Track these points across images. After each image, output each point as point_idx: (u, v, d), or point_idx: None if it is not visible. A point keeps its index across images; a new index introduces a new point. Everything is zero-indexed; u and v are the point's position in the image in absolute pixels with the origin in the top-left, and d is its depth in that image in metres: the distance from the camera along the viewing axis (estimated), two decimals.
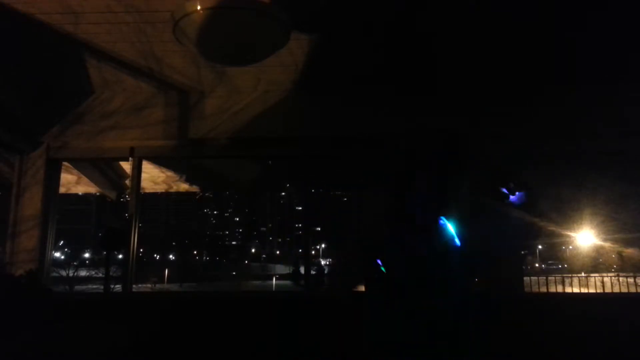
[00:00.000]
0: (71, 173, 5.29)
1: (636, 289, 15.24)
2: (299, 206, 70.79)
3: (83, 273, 25.52)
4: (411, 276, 1.90)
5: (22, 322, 3.09)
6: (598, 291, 15.50)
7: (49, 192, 4.13)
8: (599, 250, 30.74)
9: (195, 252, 62.02)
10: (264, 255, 70.01)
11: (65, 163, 4.55)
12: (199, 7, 2.72)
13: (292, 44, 3.27)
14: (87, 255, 50.72)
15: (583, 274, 24.25)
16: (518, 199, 1.95)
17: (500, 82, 3.96)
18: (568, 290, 16.62)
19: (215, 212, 77.06)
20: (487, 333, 2.51)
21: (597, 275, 20.67)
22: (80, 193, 7.08)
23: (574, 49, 3.57)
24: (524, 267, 5.30)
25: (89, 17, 3.22)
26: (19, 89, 4.08)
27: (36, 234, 3.99)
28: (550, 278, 16.85)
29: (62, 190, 5.14)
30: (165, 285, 34.44)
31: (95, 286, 16.63)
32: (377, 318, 1.93)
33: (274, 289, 29.26)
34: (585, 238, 26.57)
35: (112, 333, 3.36)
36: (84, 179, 5.59)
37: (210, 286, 33.76)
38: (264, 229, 77.02)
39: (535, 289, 13.46)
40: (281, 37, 3.06)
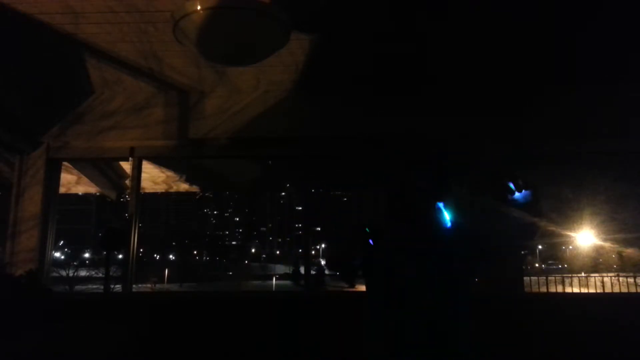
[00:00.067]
0: (71, 173, 5.29)
1: (636, 289, 15.24)
2: (299, 206, 70.82)
3: (83, 273, 25.54)
4: (409, 262, 1.91)
5: (22, 322, 3.09)
6: (598, 291, 15.51)
7: (49, 192, 4.13)
8: (599, 250, 30.75)
9: (195, 252, 62.05)
10: (264, 255, 70.04)
11: (65, 163, 4.55)
12: (199, 7, 2.72)
13: (292, 44, 3.27)
14: (87, 255, 50.80)
15: (583, 274, 24.26)
16: (523, 197, 1.94)
17: (500, 82, 3.96)
18: (568, 290, 16.62)
19: (215, 212, 77.11)
20: (487, 333, 2.51)
21: (597, 275, 20.68)
22: (80, 193, 7.08)
23: (574, 49, 3.58)
24: (524, 267, 5.30)
25: (89, 17, 3.23)
26: (19, 89, 4.08)
27: (36, 234, 3.99)
28: (550, 278, 16.85)
29: (62, 190, 5.14)
30: (165, 285, 34.46)
31: (95, 286, 16.64)
32: (377, 318, 1.93)
33: (274, 289, 29.25)
34: (585, 238, 26.63)
35: (112, 333, 3.36)
36: (84, 179, 5.59)
37: (210, 286, 33.76)
38: (264, 229, 77.08)
39: (535, 289, 13.47)
40: (281, 37, 3.06)
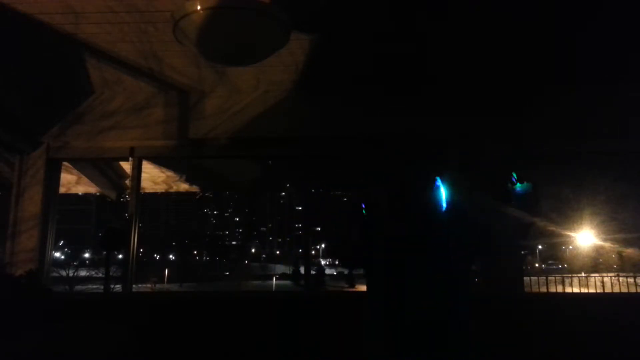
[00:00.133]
0: (71, 173, 5.29)
1: (636, 289, 15.23)
2: (299, 206, 70.80)
3: (83, 273, 25.52)
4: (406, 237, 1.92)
5: (22, 322, 3.09)
6: (598, 291, 15.50)
7: (49, 192, 4.13)
8: (599, 250, 30.73)
9: (195, 252, 62.02)
10: (264, 255, 70.00)
11: (65, 163, 4.55)
12: (199, 7, 2.72)
13: (292, 44, 3.27)
14: (87, 255, 50.75)
15: (583, 274, 24.23)
16: (523, 190, 1.94)
17: (500, 82, 3.96)
18: (568, 290, 16.61)
19: (215, 212, 77.06)
20: (487, 333, 2.51)
21: (597, 275, 20.65)
22: (80, 193, 7.08)
23: (574, 49, 3.58)
24: (524, 267, 5.30)
25: (89, 17, 3.23)
26: (19, 89, 4.08)
27: (36, 234, 3.99)
28: (550, 278, 16.84)
29: (62, 190, 5.14)
30: (165, 285, 34.41)
31: (95, 286, 16.63)
32: (377, 318, 1.93)
33: (274, 289, 29.24)
34: (585, 238, 26.62)
35: (112, 333, 3.36)
36: (84, 179, 5.59)
37: (210, 286, 33.74)
38: (264, 229, 77.02)
39: (535, 289, 13.46)
40: (281, 37, 3.06)
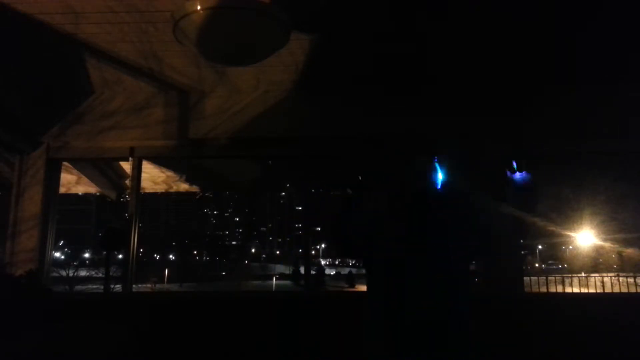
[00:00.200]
0: (71, 173, 5.29)
1: (636, 289, 15.23)
2: (299, 206, 70.83)
3: (83, 273, 25.53)
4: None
5: (22, 322, 3.09)
6: (598, 291, 15.49)
7: (49, 192, 4.13)
8: (599, 250, 30.72)
9: (195, 252, 62.02)
10: (264, 255, 70.04)
11: (65, 163, 4.55)
12: (199, 7, 2.72)
13: (292, 44, 3.27)
14: (87, 255, 50.76)
15: (583, 274, 24.22)
16: (522, 179, 1.93)
17: (500, 82, 3.96)
18: (568, 290, 16.60)
19: (215, 212, 77.09)
20: (487, 333, 2.51)
21: (597, 275, 20.64)
22: (80, 193, 7.08)
23: (574, 49, 3.58)
24: (524, 267, 5.30)
25: (89, 17, 3.23)
26: (19, 89, 4.08)
27: (36, 234, 3.99)
28: (550, 278, 16.83)
29: (62, 190, 5.14)
30: (165, 285, 34.41)
31: (95, 286, 16.63)
32: (377, 318, 1.93)
33: (274, 289, 29.24)
34: (585, 238, 26.62)
35: (112, 333, 3.36)
36: (84, 179, 5.59)
37: (210, 286, 33.74)
38: (264, 229, 77.05)
39: (535, 289, 13.45)
40: (281, 37, 3.05)
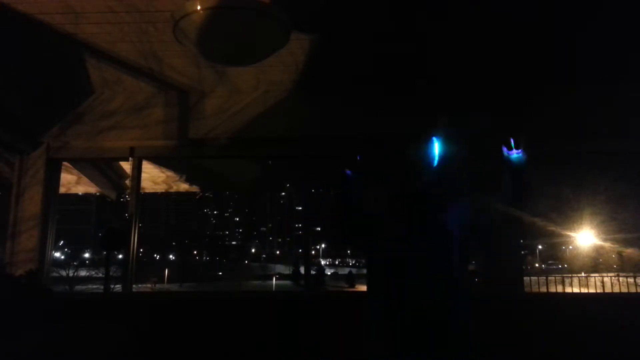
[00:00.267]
0: (71, 173, 5.29)
1: (636, 289, 15.22)
2: (299, 206, 70.84)
3: (83, 273, 25.51)
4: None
5: (22, 322, 3.09)
6: (598, 291, 15.49)
7: (49, 192, 4.13)
8: (599, 250, 30.71)
9: (195, 252, 62.03)
10: (264, 255, 70.07)
11: (65, 163, 4.55)
12: (199, 7, 2.72)
13: (292, 44, 3.27)
14: (87, 255, 50.76)
15: (583, 274, 24.22)
16: (517, 159, 1.93)
17: (500, 82, 3.96)
18: (568, 290, 16.59)
19: (215, 212, 77.11)
20: (487, 333, 2.51)
21: (597, 275, 20.63)
22: (80, 193, 7.09)
23: (574, 49, 3.58)
24: (524, 267, 5.29)
25: (89, 17, 3.23)
26: (19, 89, 4.08)
27: (36, 234, 3.99)
28: (550, 278, 16.82)
29: (62, 190, 5.15)
30: (165, 285, 34.39)
31: (95, 286, 16.62)
32: (377, 318, 1.93)
33: (274, 289, 29.24)
34: (585, 238, 26.60)
35: (112, 333, 3.36)
36: (84, 179, 5.59)
37: (210, 286, 33.74)
38: (264, 229, 77.09)
39: (535, 289, 13.44)
40: (281, 37, 3.06)
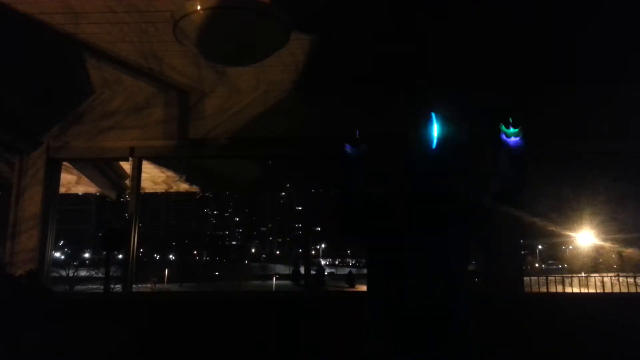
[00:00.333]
0: (71, 173, 5.29)
1: (636, 289, 15.23)
2: (299, 206, 70.83)
3: (83, 273, 25.49)
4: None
5: (22, 322, 3.09)
6: (598, 291, 15.49)
7: (49, 192, 4.13)
8: (599, 250, 30.71)
9: (195, 252, 62.03)
10: (264, 255, 70.06)
11: (65, 163, 4.55)
12: (199, 7, 2.72)
13: (292, 44, 3.27)
14: (87, 255, 50.75)
15: (583, 274, 24.22)
16: (514, 144, 1.92)
17: (499, 82, 3.96)
18: (568, 290, 16.60)
19: (215, 212, 77.11)
20: (487, 333, 2.51)
21: (597, 275, 20.64)
22: (80, 193, 7.09)
23: (574, 49, 3.58)
24: (524, 267, 5.30)
25: (89, 17, 3.23)
26: (19, 89, 4.08)
27: (36, 234, 3.99)
28: (550, 278, 16.83)
29: (62, 190, 5.14)
30: (165, 285, 34.37)
31: (95, 286, 16.59)
32: (377, 318, 1.93)
33: (274, 289, 29.23)
34: (585, 238, 26.60)
35: (112, 333, 3.36)
36: (84, 179, 5.59)
37: (210, 286, 33.73)
38: (264, 229, 77.08)
39: (535, 289, 13.45)
40: (281, 37, 3.06)
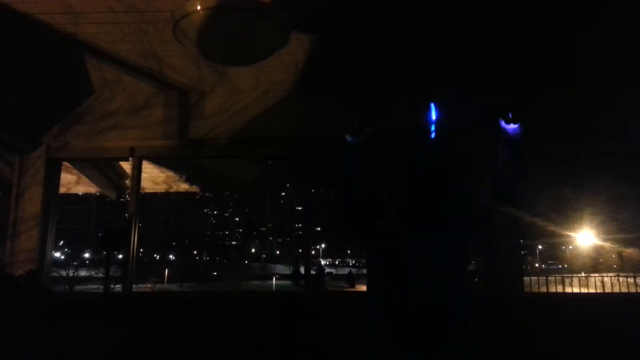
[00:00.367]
0: (71, 173, 5.29)
1: (636, 289, 15.23)
2: (299, 206, 70.83)
3: (83, 273, 25.48)
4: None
5: (22, 322, 3.09)
6: (598, 291, 15.49)
7: (49, 192, 4.13)
8: (599, 250, 30.71)
9: (195, 252, 62.03)
10: (264, 255, 70.06)
11: (65, 163, 4.55)
12: (199, 7, 2.72)
13: (292, 44, 3.27)
14: (87, 255, 50.76)
15: (583, 274, 24.22)
16: (513, 132, 1.93)
17: (499, 82, 3.96)
18: (568, 290, 16.60)
19: (215, 212, 77.11)
20: (487, 333, 2.51)
21: (597, 275, 20.64)
22: (80, 193, 7.09)
23: (574, 49, 3.58)
24: (524, 267, 5.30)
25: (89, 17, 3.23)
26: (19, 89, 4.08)
27: (36, 234, 3.99)
28: (550, 278, 16.83)
29: (62, 190, 5.14)
30: (165, 285, 34.35)
31: (95, 286, 16.59)
32: (377, 318, 1.93)
33: (274, 289, 29.22)
34: (585, 238, 26.61)
35: (112, 333, 3.36)
36: (84, 179, 5.59)
37: (210, 286, 33.73)
38: (264, 229, 77.09)
39: (535, 289, 13.45)
40: (281, 37, 3.06)
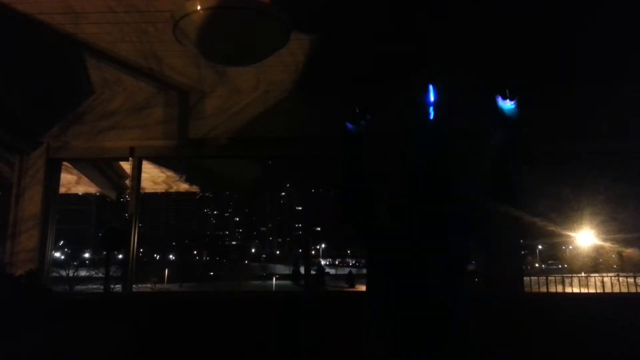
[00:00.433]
0: (71, 173, 5.29)
1: (636, 289, 15.23)
2: (299, 206, 70.86)
3: (83, 273, 25.48)
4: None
5: (22, 322, 3.09)
6: (598, 291, 15.50)
7: (49, 192, 4.13)
8: (599, 250, 30.72)
9: (195, 252, 62.04)
10: (264, 255, 70.08)
11: (65, 163, 4.55)
12: (199, 7, 2.72)
13: (292, 44, 3.27)
14: (87, 255, 50.78)
15: (583, 274, 24.24)
16: (509, 111, 1.93)
17: (500, 82, 3.96)
18: (568, 290, 16.61)
19: (215, 212, 77.13)
20: (487, 333, 2.51)
21: (597, 275, 20.65)
22: (80, 193, 7.09)
23: (574, 49, 3.58)
24: (524, 267, 5.30)
25: (89, 17, 3.23)
26: (19, 89, 4.08)
27: (36, 234, 3.99)
28: (550, 278, 16.85)
29: (62, 190, 5.15)
30: (165, 285, 34.36)
31: (95, 286, 16.59)
32: (377, 318, 1.93)
33: (274, 289, 29.23)
34: (585, 238, 26.61)
35: (112, 333, 3.36)
36: (84, 179, 5.59)
37: (210, 286, 33.73)
38: (264, 229, 77.11)
39: (535, 289, 13.46)
40: (281, 37, 3.06)
